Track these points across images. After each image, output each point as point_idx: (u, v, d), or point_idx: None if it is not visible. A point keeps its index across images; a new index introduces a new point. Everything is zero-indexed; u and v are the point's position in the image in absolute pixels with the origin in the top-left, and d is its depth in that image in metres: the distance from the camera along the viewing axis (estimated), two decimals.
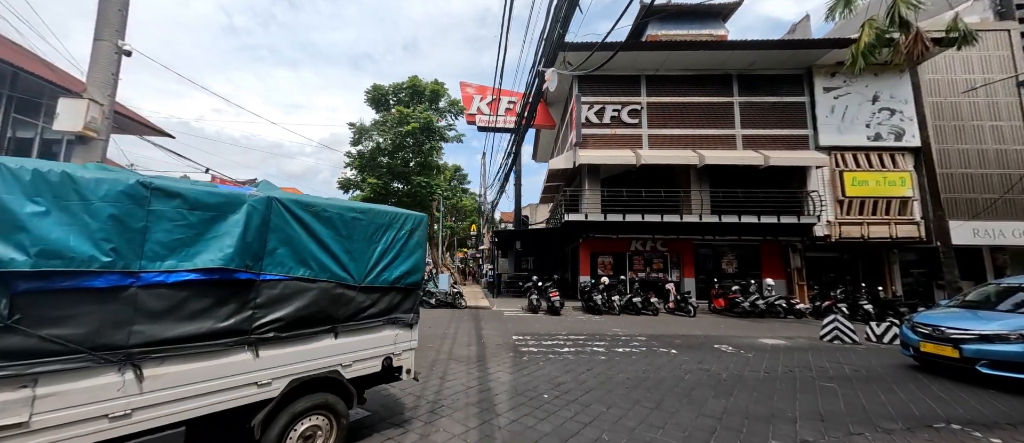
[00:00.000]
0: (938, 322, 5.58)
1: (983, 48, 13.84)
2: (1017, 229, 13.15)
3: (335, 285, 2.83)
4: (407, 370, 3.43)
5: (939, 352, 5.33)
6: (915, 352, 5.69)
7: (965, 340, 5.13)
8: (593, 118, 14.77)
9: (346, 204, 3.05)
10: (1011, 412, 3.95)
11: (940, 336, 5.38)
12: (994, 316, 5.40)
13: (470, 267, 41.99)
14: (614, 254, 15.21)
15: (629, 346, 7.11)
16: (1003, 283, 6.40)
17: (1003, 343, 4.84)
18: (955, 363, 5.17)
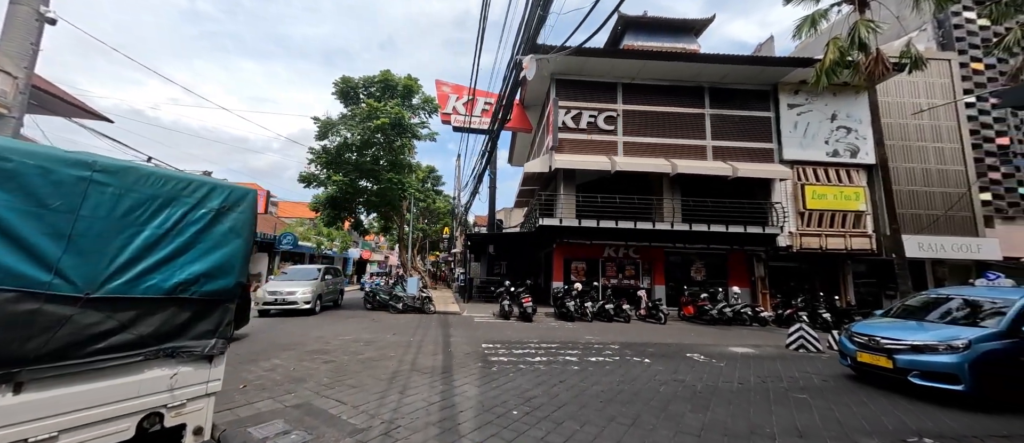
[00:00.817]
0: (874, 332, 5.55)
1: (928, 75, 14.92)
2: (955, 244, 14.17)
3: (16, 297, 1.65)
4: (195, 430, 2.29)
5: (874, 362, 5.29)
6: (852, 362, 5.66)
7: (898, 350, 5.11)
8: (570, 123, 14.69)
9: (68, 155, 1.88)
10: (978, 426, 3.98)
11: (875, 346, 5.35)
12: (924, 327, 5.45)
13: (442, 271, 41.12)
14: (587, 260, 15.12)
15: (602, 355, 6.88)
16: (932, 294, 6.53)
17: (932, 354, 4.85)
18: (889, 373, 5.13)
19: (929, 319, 5.66)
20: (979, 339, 4.67)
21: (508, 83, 7.65)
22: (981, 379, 4.46)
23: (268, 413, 3.82)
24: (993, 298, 5.43)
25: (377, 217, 21.77)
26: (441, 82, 18.99)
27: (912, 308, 6.20)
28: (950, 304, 5.77)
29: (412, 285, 13.34)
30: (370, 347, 7.08)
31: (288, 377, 5.05)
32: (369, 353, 6.59)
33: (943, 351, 4.77)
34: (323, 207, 15.78)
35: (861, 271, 15.22)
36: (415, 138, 16.06)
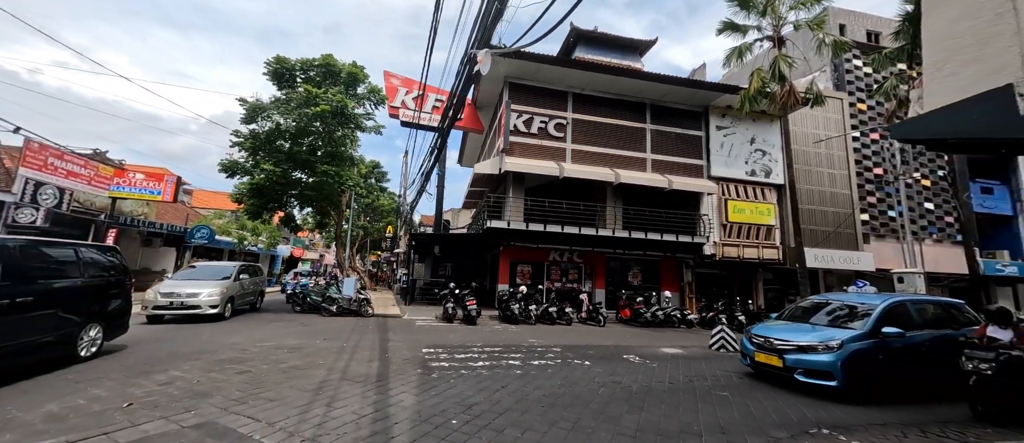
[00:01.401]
0: (768, 334, 6.00)
1: (825, 111, 17.35)
2: (841, 256, 16.56)
3: None
4: None
5: (768, 361, 5.71)
6: (751, 361, 6.09)
7: (786, 350, 5.56)
8: (521, 127, 14.80)
9: None
10: (861, 417, 4.58)
11: (769, 347, 5.79)
12: (808, 328, 5.92)
13: (383, 271, 39.28)
14: (533, 263, 15.31)
15: (545, 358, 6.92)
16: (816, 299, 7.15)
17: (814, 353, 5.32)
18: (779, 371, 5.56)
19: (813, 322, 6.19)
20: (849, 340, 5.26)
21: (461, 79, 7.45)
22: (850, 375, 5.05)
23: (158, 437, 3.23)
24: (861, 303, 6.09)
25: (312, 212, 20.16)
26: (390, 74, 18.15)
27: (800, 312, 6.77)
28: (830, 308, 6.38)
29: (349, 286, 12.46)
30: (295, 354, 6.42)
31: (189, 391, 4.37)
32: (294, 361, 5.96)
33: (821, 351, 5.29)
34: (247, 198, 14.20)
35: (770, 278, 17.18)
36: (359, 129, 15.12)
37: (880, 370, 5.23)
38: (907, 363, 5.38)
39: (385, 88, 17.11)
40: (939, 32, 3.38)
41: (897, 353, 5.33)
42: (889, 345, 5.26)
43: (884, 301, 5.86)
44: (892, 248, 17.53)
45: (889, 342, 5.26)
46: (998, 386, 4.34)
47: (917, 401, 5.18)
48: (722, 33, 12.37)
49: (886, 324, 5.40)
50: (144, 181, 16.46)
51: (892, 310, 5.70)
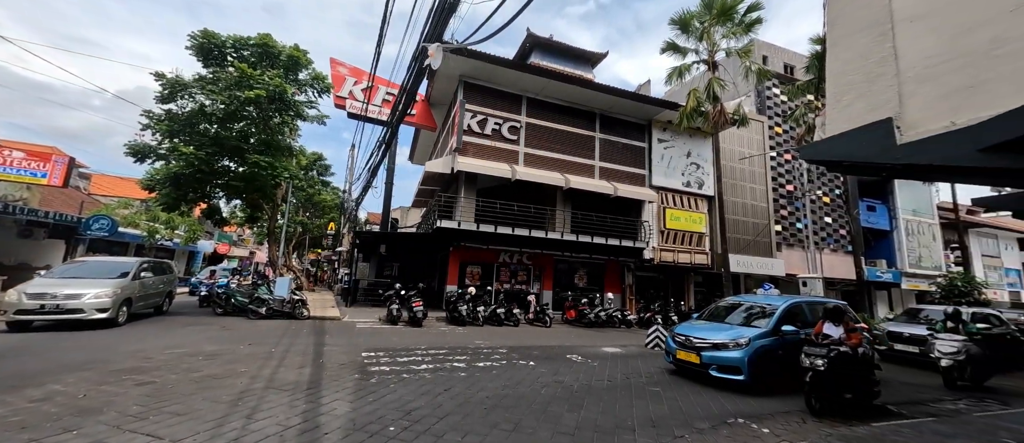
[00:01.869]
0: (689, 332, 6.44)
1: (749, 131, 19.34)
2: (758, 262, 18.53)
3: None
4: None
5: (688, 358, 6.09)
6: (673, 358, 6.44)
7: (703, 348, 5.96)
8: (475, 127, 14.71)
9: None
10: (769, 407, 5.11)
11: (689, 345, 6.20)
12: (722, 327, 6.38)
13: (323, 271, 36.86)
14: (483, 264, 15.25)
15: (490, 360, 6.90)
16: (731, 300, 7.70)
17: (726, 350, 5.76)
18: (697, 368, 5.97)
19: (728, 321, 6.68)
20: (755, 337, 5.81)
21: (412, 73, 7.21)
22: (754, 370, 5.59)
23: None
24: (767, 304, 6.72)
25: (241, 205, 18.31)
26: (337, 61, 17.15)
27: (718, 312, 7.29)
28: (742, 308, 6.94)
29: (282, 286, 11.48)
30: (213, 362, 5.76)
31: (73, 408, 3.73)
32: (211, 369, 5.35)
33: (732, 348, 5.74)
34: (161, 186, 12.52)
35: (700, 281, 18.72)
36: (299, 118, 14.01)
37: (779, 365, 5.83)
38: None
39: (331, 76, 16.08)
40: (838, 69, 3.90)
41: (793, 348, 5.91)
42: (787, 341, 5.87)
43: (784, 302, 6.57)
44: (799, 256, 19.96)
45: (787, 339, 5.86)
46: (828, 380, 4.66)
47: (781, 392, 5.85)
48: (665, 52, 13.30)
49: (785, 323, 6.02)
50: (24, 160, 13.92)
51: (790, 310, 6.38)
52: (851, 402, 4.74)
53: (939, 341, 6.88)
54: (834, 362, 4.62)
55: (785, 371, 5.83)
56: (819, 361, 4.67)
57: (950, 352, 6.66)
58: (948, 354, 6.66)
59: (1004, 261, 27.44)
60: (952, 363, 6.60)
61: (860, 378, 4.76)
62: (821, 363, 4.64)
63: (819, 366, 4.64)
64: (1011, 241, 27.97)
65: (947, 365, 6.65)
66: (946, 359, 6.67)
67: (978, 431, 4.20)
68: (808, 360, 4.80)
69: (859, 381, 4.76)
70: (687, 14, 13.23)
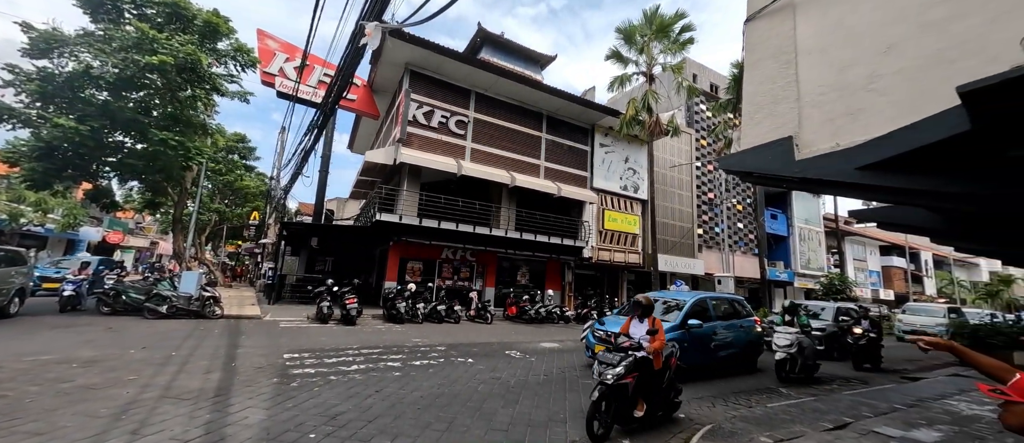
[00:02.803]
0: (609, 328, 6.43)
1: (679, 142, 21.10)
2: (683, 262, 20.32)
3: None
4: None
5: (673, 342, 6.75)
6: (592, 353, 6.39)
7: None
8: (421, 118, 14.22)
9: None
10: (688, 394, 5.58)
11: (607, 340, 6.37)
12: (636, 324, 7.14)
13: (243, 265, 33.34)
14: (425, 260, 14.83)
15: (428, 358, 6.71)
16: (652, 295, 8.73)
17: None
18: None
19: None
20: (667, 331, 5.99)
21: (349, 52, 6.73)
22: (664, 362, 6.05)
23: None
24: (678, 299, 7.11)
25: (140, 188, 15.81)
26: (265, 34, 15.55)
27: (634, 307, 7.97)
28: (657, 304, 7.04)
29: (189, 281, 10.10)
30: (91, 369, 4.88)
31: None
32: (87, 378, 4.52)
33: None
34: (28, 160, 10.34)
35: (632, 279, 20.03)
36: (216, 92, 12.40)
37: (686, 355, 6.20)
38: (704, 347, 6.61)
39: (258, 49, 14.47)
40: (751, 91, 4.39)
41: (698, 341, 6.42)
42: (693, 334, 6.35)
43: (692, 298, 6.96)
44: (716, 257, 22.23)
45: (693, 332, 6.33)
46: (621, 396, 3.64)
47: (716, 377, 6.57)
48: (609, 59, 13.97)
49: (692, 318, 6.42)
50: None
51: (697, 305, 6.82)
52: (643, 419, 3.84)
53: (776, 334, 6.89)
54: (628, 373, 3.62)
55: (691, 361, 6.29)
56: (610, 374, 3.56)
57: (784, 345, 6.64)
58: (782, 347, 6.64)
59: (869, 264, 33.12)
60: (785, 356, 6.61)
61: (656, 389, 3.93)
62: (611, 377, 3.52)
63: (608, 380, 3.52)
64: (874, 248, 33.82)
65: (780, 358, 6.65)
66: (780, 352, 6.65)
67: (846, 407, 4.99)
68: (597, 370, 3.74)
69: (655, 392, 3.93)
70: (631, 26, 14.04)
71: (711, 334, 6.69)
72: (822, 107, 3.61)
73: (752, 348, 7.58)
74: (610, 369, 3.63)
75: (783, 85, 3.92)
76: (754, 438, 3.64)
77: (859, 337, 8.69)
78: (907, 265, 33.58)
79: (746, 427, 3.92)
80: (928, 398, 5.71)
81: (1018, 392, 1.37)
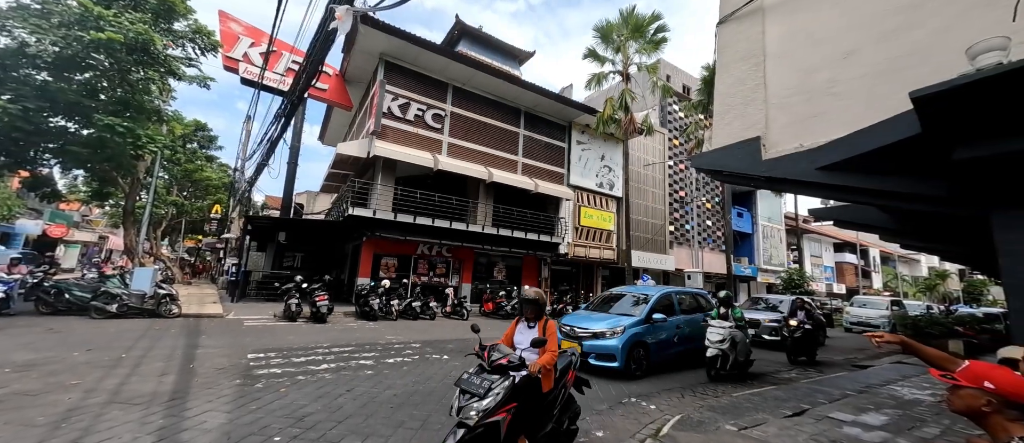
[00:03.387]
0: (573, 322, 6.42)
1: (653, 141, 21.63)
2: (655, 258, 20.93)
3: None
4: None
5: (571, 348, 6.50)
6: None
7: (584, 337, 5.99)
8: (396, 111, 13.86)
9: None
10: (656, 386, 5.76)
11: (572, 334, 6.19)
12: (602, 317, 6.43)
13: (206, 261, 31.61)
14: (399, 256, 14.54)
15: (402, 355, 6.58)
16: (615, 291, 7.79)
17: (603, 339, 5.86)
18: (579, 357, 6.38)
19: (612, 311, 6.75)
20: (630, 325, 6.12)
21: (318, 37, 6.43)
22: (627, 357, 5.92)
23: None
24: (644, 294, 6.98)
25: (87, 177, 14.58)
26: (228, 16, 14.68)
27: (602, 302, 7.40)
28: (624, 298, 7.13)
29: (142, 278, 9.43)
30: (27, 375, 4.47)
31: None
32: (23, 384, 4.14)
33: (609, 336, 5.87)
34: None
35: (606, 274, 20.44)
36: (171, 75, 11.58)
37: (650, 349, 6.23)
38: (668, 341, 6.59)
39: (220, 32, 13.61)
40: (722, 92, 4.54)
41: (662, 333, 6.46)
42: (657, 328, 6.34)
43: (657, 293, 6.91)
44: (686, 253, 23.03)
45: (657, 325, 6.34)
46: None
47: (683, 369, 6.72)
48: (586, 58, 14.09)
49: (657, 311, 6.44)
50: None
51: (662, 300, 6.79)
52: None
53: (709, 329, 6.16)
54: (501, 406, 2.45)
55: (656, 355, 6.39)
56: (474, 409, 2.39)
57: (715, 340, 5.99)
58: (714, 343, 6.00)
59: (824, 260, 35.29)
60: (716, 353, 5.98)
61: (544, 418, 2.86)
62: (476, 414, 2.37)
63: (470, 420, 2.36)
64: (829, 245, 36.05)
65: (711, 354, 6.01)
66: (712, 348, 6.01)
67: (804, 395, 5.29)
68: (456, 404, 2.51)
69: (544, 420, 2.86)
70: (608, 25, 14.21)
71: (674, 328, 6.72)
72: (788, 109, 3.77)
73: None
74: (474, 401, 2.42)
75: (752, 87, 4.07)
76: (720, 426, 3.79)
77: (794, 329, 8.20)
78: (858, 261, 36.06)
79: (713, 417, 4.07)
80: (875, 384, 6.14)
81: (965, 378, 1.46)
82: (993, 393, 1.40)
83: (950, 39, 2.68)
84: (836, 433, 3.75)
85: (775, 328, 10.07)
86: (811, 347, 8.37)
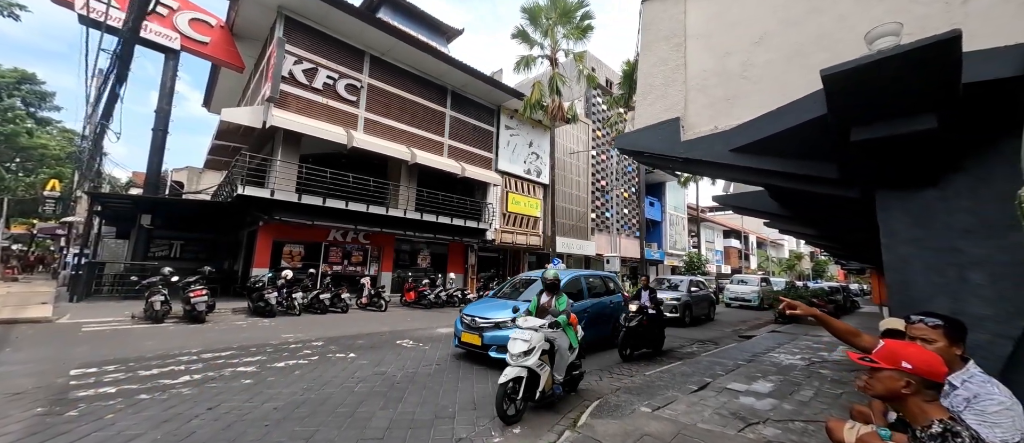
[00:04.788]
0: (475, 312, 5.77)
1: (578, 130, 22.32)
2: (578, 244, 21.84)
3: None
4: None
5: (471, 341, 5.29)
6: (459, 341, 5.58)
7: (486, 328, 5.31)
8: (301, 77, 12.05)
9: None
10: None
11: (474, 325, 5.51)
12: (505, 305, 5.65)
13: (45, 251, 25.07)
14: (307, 244, 12.91)
15: (297, 357, 5.64)
16: (521, 276, 7.42)
17: (504, 329, 5.04)
18: (479, 350, 5.24)
19: (521, 298, 6.19)
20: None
21: None
22: None
23: None
24: None
25: None
26: None
27: (510, 289, 6.87)
28: (534, 284, 6.68)
29: None
30: None
31: None
32: None
33: (511, 326, 4.73)
34: None
35: (533, 261, 20.76)
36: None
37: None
38: None
39: None
40: (645, 71, 4.50)
41: None
42: None
43: (566, 277, 6.39)
44: (606, 239, 24.46)
45: None
46: None
47: (597, 351, 6.84)
48: (515, 38, 13.74)
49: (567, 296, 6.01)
50: None
51: (570, 285, 6.47)
52: None
53: (511, 340, 3.74)
54: None
55: None
56: None
57: (518, 354, 3.57)
58: (515, 360, 3.57)
59: (716, 245, 40.57)
60: (513, 378, 3.51)
61: None
62: None
63: None
64: (720, 232, 41.51)
65: (503, 382, 3.49)
66: (509, 369, 3.55)
67: (705, 368, 5.70)
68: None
69: None
70: (536, 7, 13.99)
71: (582, 312, 6.38)
72: (705, 91, 3.81)
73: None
74: None
75: (673, 67, 4.05)
76: (635, 408, 3.77)
77: (631, 316, 6.39)
78: (741, 246, 42.17)
79: (628, 399, 4.07)
80: (759, 353, 6.93)
81: (883, 359, 1.37)
82: (911, 374, 1.33)
83: (849, 26, 2.80)
84: (735, 404, 3.97)
85: (674, 306, 10.97)
86: (655, 338, 6.83)
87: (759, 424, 3.41)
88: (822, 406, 3.95)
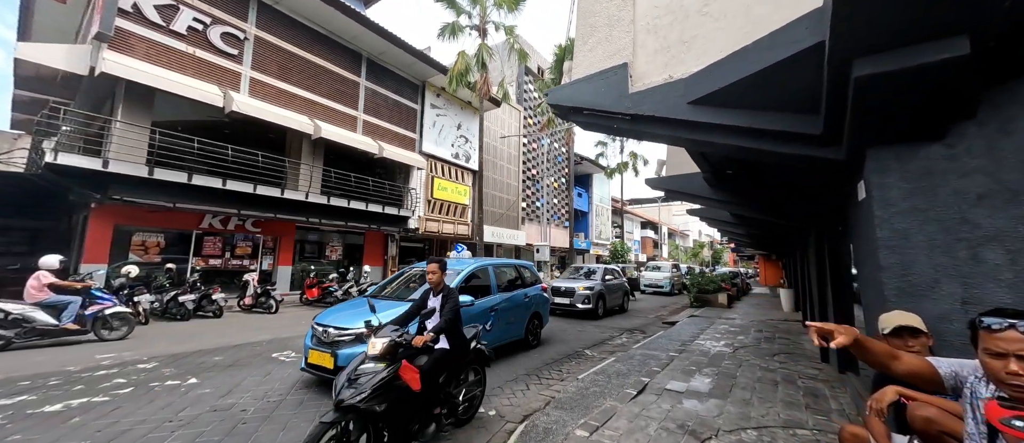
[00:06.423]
0: (328, 321, 4.25)
1: (509, 115, 21.56)
2: (508, 234, 21.22)
3: None
4: None
5: (321, 362, 3.98)
6: (306, 363, 4.16)
7: (343, 343, 3.98)
8: (152, 15, 9.29)
9: None
10: (492, 383, 4.85)
11: (325, 340, 4.07)
12: (393, 304, 4.48)
13: None
14: (169, 232, 10.23)
15: (97, 390, 3.88)
16: (417, 268, 6.13)
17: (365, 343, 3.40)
18: (333, 376, 3.71)
19: (409, 298, 4.71)
20: None
21: None
22: None
23: None
24: (457, 268, 5.51)
25: None
26: None
27: (404, 284, 5.65)
28: None
29: None
30: None
31: None
32: None
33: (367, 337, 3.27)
34: None
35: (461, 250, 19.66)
36: None
37: (453, 338, 3.72)
38: (483, 330, 4.24)
39: None
40: (586, 8, 3.68)
41: (473, 316, 4.90)
42: (466, 312, 4.51)
43: (469, 266, 5.61)
44: (536, 229, 24.26)
45: (464, 310, 4.27)
46: None
47: (517, 352, 6.10)
48: (440, 1, 12.29)
49: (465, 293, 4.77)
50: None
51: (474, 273, 5.55)
52: None
53: None
54: None
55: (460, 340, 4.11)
56: None
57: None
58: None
59: (635, 235, 43.46)
60: None
61: None
62: None
63: None
64: (638, 223, 44.55)
65: None
66: None
67: (639, 363, 5.24)
68: None
69: None
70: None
71: (488, 312, 5.38)
72: (657, 33, 3.09)
73: (539, 318, 6.62)
74: None
75: (619, 4, 3.28)
76: (569, 432, 2.97)
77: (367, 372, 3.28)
78: (656, 236, 45.78)
79: (560, 417, 3.28)
80: (687, 341, 6.78)
81: None
82: None
83: None
84: (680, 412, 3.42)
85: (587, 297, 10.06)
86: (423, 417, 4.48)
87: (711, 439, 2.83)
88: (765, 408, 3.58)
